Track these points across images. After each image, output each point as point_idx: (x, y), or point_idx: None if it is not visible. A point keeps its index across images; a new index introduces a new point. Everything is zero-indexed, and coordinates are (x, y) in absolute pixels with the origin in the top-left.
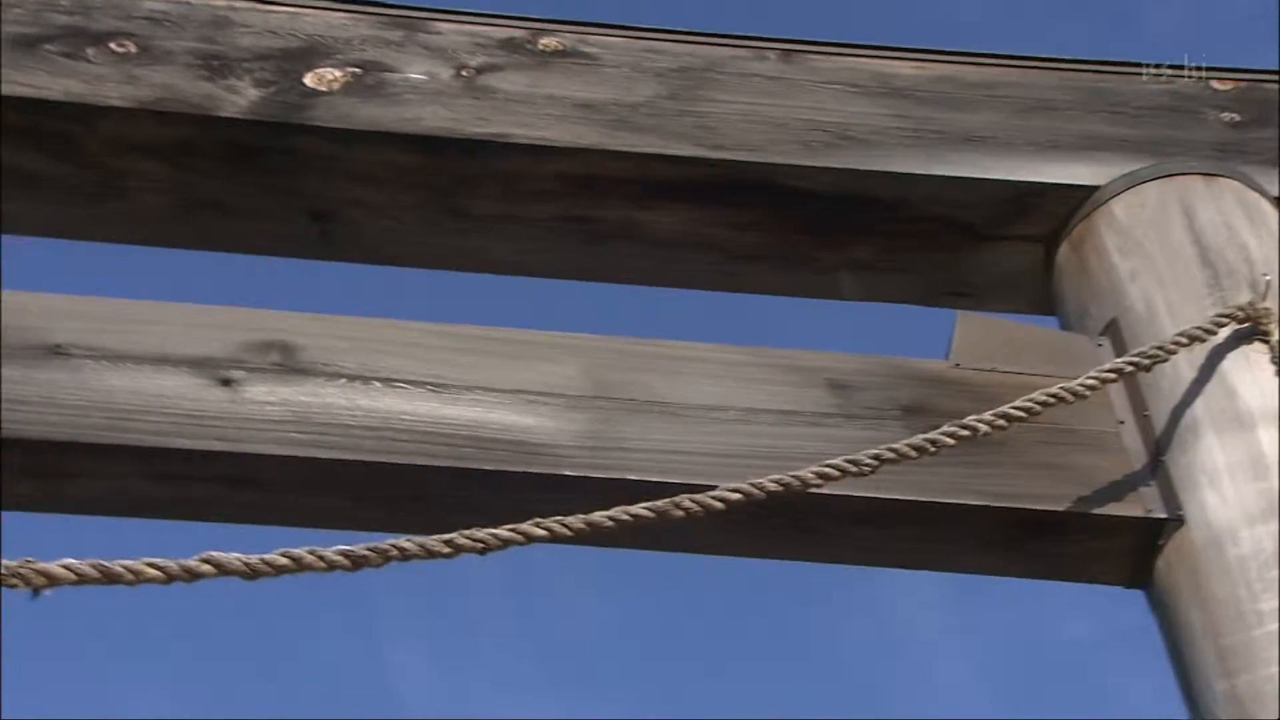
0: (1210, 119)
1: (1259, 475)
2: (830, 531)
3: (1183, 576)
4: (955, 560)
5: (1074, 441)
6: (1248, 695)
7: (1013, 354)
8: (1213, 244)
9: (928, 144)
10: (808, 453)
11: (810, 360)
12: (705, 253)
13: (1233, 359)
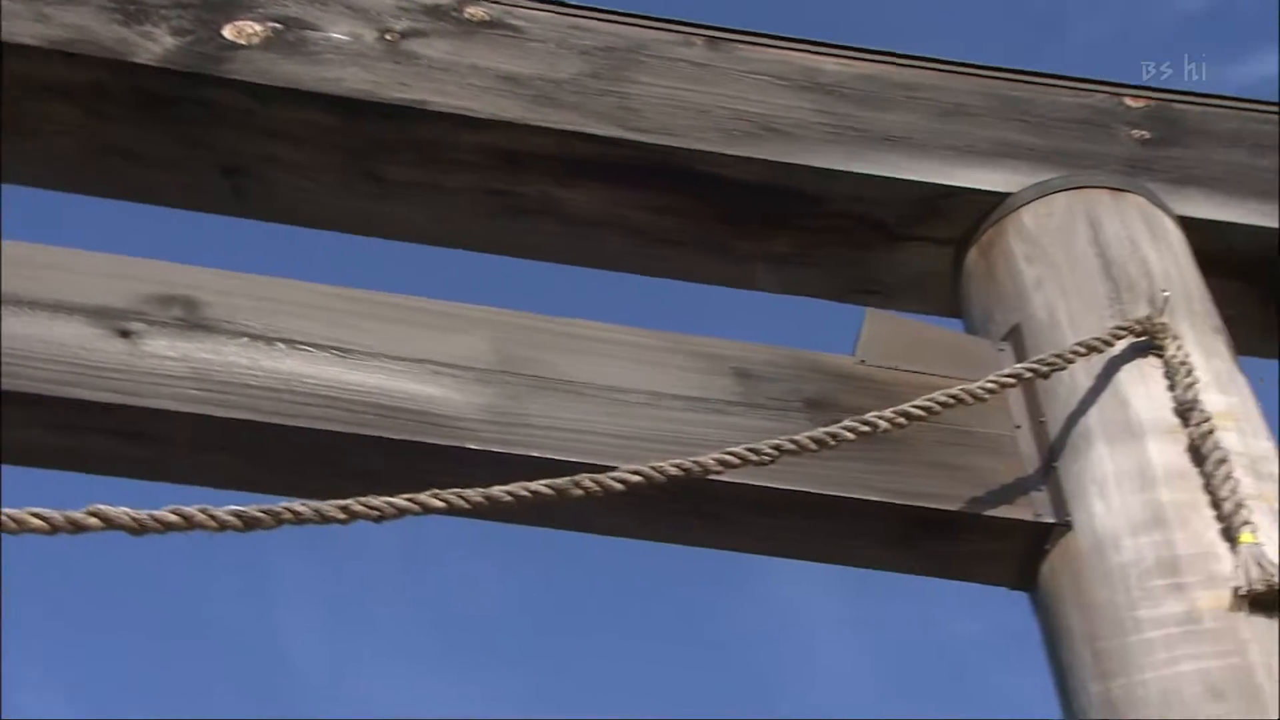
0: (1121, 135)
1: (1145, 486)
2: (729, 519)
3: (1066, 581)
4: (850, 554)
5: (971, 443)
6: (1121, 699)
7: (917, 353)
8: (1116, 257)
9: (848, 141)
10: (710, 439)
11: (718, 348)
12: (623, 235)
13: (1128, 371)
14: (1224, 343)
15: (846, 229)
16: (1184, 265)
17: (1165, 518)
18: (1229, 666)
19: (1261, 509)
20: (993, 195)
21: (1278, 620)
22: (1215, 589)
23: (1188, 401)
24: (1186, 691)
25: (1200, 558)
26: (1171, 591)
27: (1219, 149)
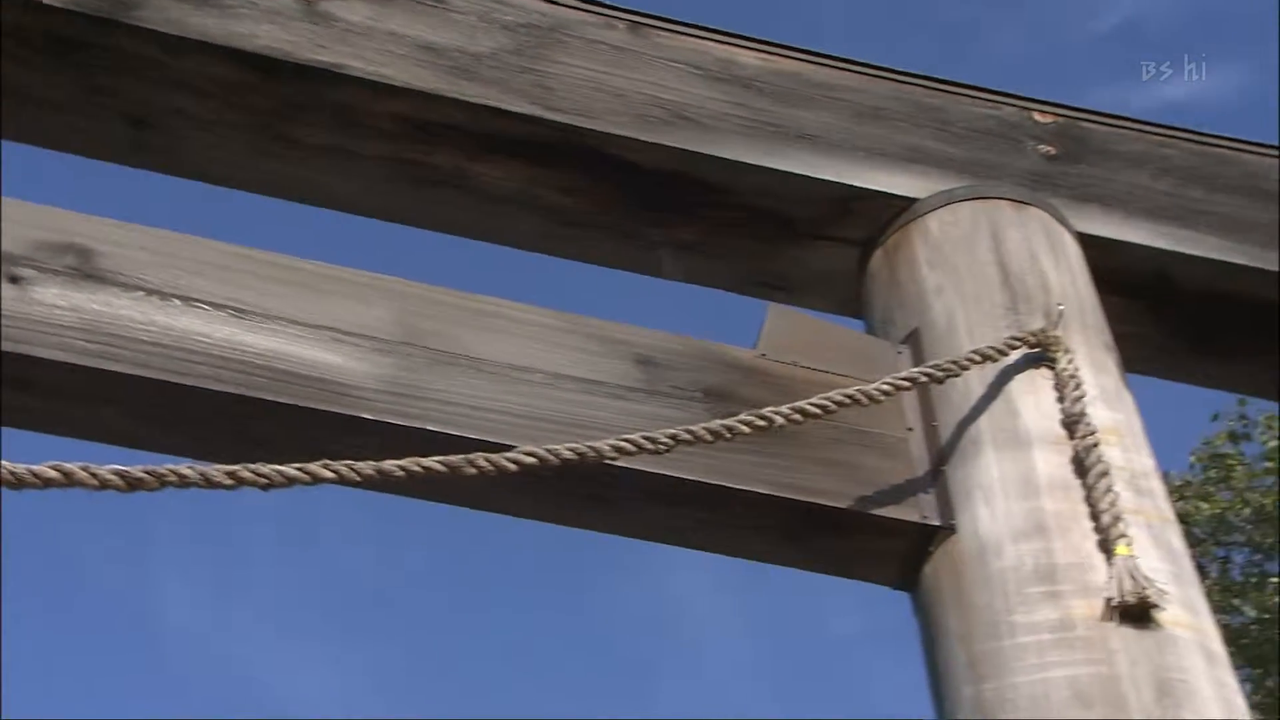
0: (1029, 149)
1: (1029, 494)
2: (621, 504)
3: (947, 583)
4: (739, 545)
5: (864, 443)
6: (992, 701)
7: (817, 351)
8: (1015, 269)
9: (763, 136)
10: (610, 424)
11: (621, 333)
12: (533, 214)
13: (1020, 381)
14: (1114, 360)
15: (755, 223)
16: (1080, 281)
17: (1046, 526)
18: (1097, 675)
19: (1138, 523)
20: (901, 200)
21: (1147, 632)
22: (1089, 598)
23: (1075, 415)
24: (1054, 697)
25: (1077, 567)
26: (1047, 599)
27: (1122, 170)
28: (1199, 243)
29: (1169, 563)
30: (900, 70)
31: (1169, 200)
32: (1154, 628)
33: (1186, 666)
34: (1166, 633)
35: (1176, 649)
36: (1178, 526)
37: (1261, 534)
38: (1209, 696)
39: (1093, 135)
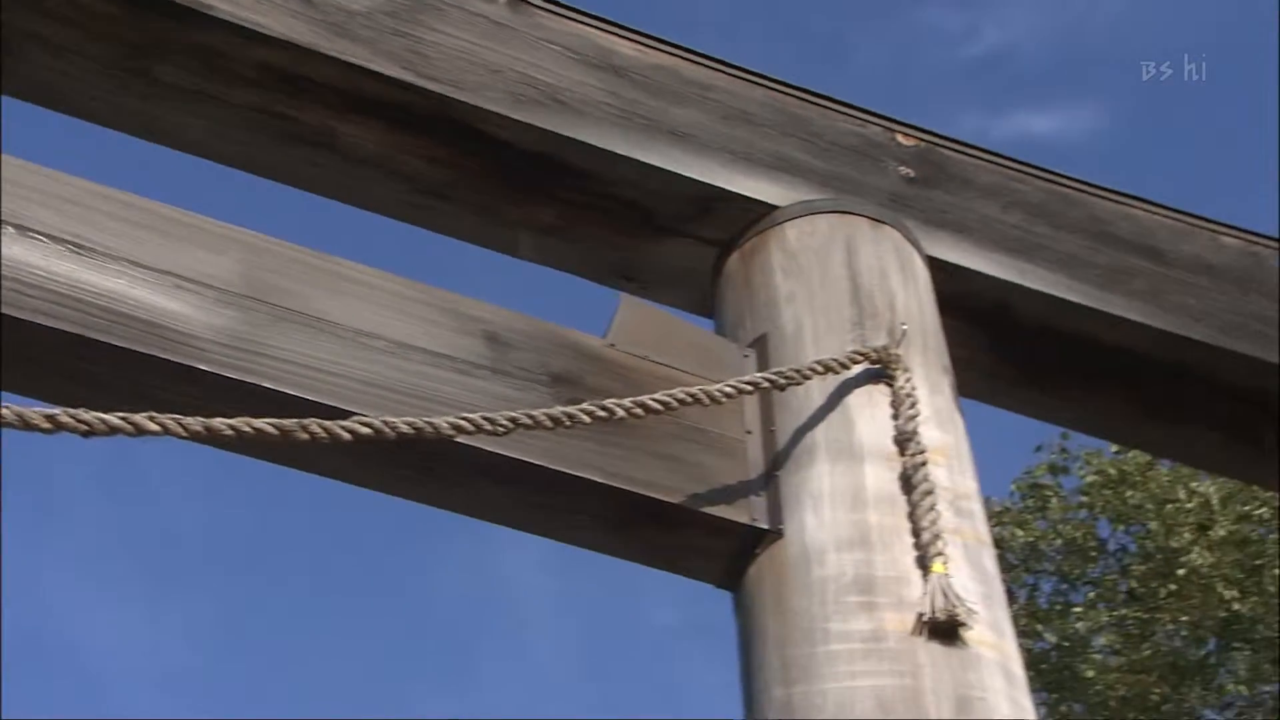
0: (890, 169)
1: (856, 506)
2: (455, 481)
3: (769, 586)
4: (570, 532)
5: (703, 441)
6: (800, 704)
7: (666, 346)
8: (865, 285)
9: (633, 127)
10: (452, 399)
11: (473, 309)
12: (396, 180)
13: (859, 395)
14: (949, 382)
15: (616, 213)
16: (926, 302)
17: (870, 539)
18: (902, 687)
19: (956, 543)
20: (762, 205)
21: (953, 649)
22: (903, 612)
23: (908, 433)
24: (859, 705)
25: (894, 581)
26: (863, 609)
27: (975, 199)
28: (1040, 278)
29: (981, 584)
30: (774, 78)
31: (1016, 233)
32: (960, 645)
33: (987, 685)
34: (971, 651)
35: (979, 668)
36: (993, 550)
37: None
38: (1006, 716)
39: (951, 162)
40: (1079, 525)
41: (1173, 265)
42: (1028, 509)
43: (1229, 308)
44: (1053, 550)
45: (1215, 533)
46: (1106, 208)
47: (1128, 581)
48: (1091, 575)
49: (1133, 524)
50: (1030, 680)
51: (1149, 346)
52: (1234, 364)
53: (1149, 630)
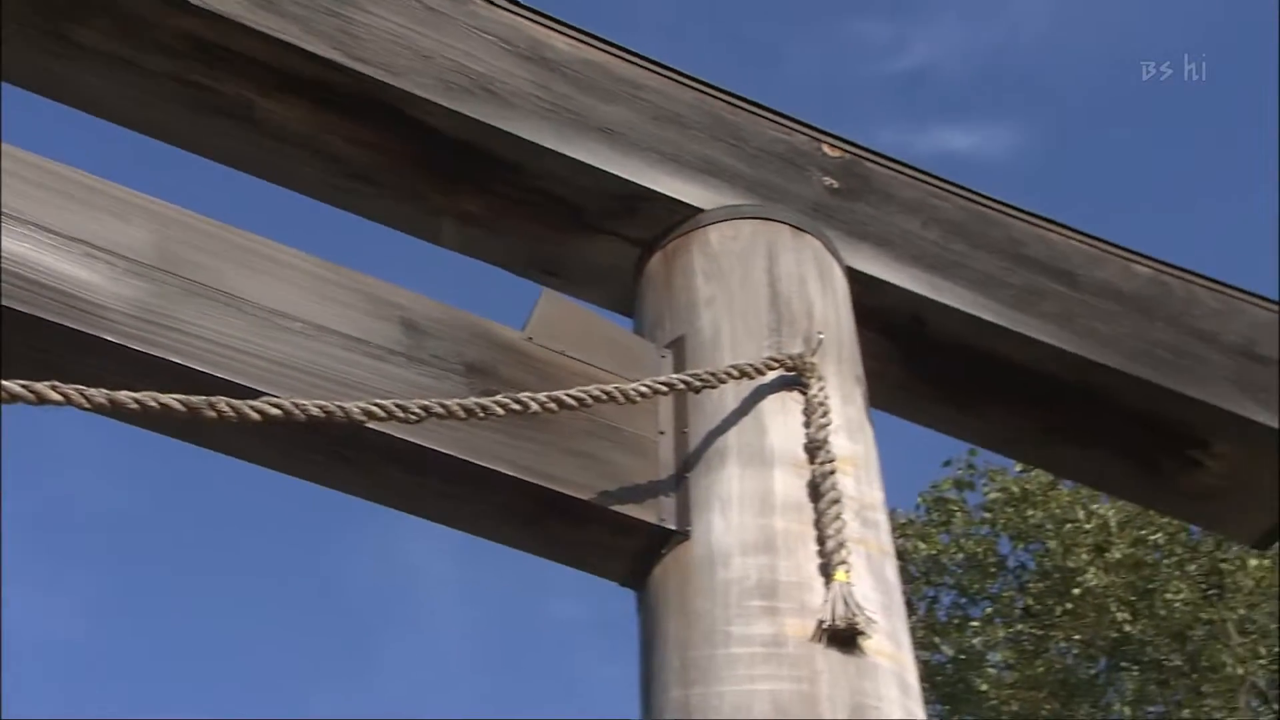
0: (814, 179)
1: (764, 511)
2: (365, 467)
3: (674, 587)
4: (477, 523)
5: (615, 439)
6: (698, 705)
7: (584, 342)
8: (785, 292)
9: (563, 121)
10: (365, 384)
11: (391, 295)
12: (319, 160)
13: (772, 401)
14: (861, 392)
15: (541, 206)
16: (843, 313)
17: (775, 544)
18: (799, 692)
19: (860, 553)
20: (687, 207)
21: (851, 657)
22: (803, 618)
23: (818, 441)
24: (756, 708)
25: (797, 587)
26: (765, 614)
27: (896, 213)
28: (955, 294)
29: (882, 594)
30: (705, 81)
31: (934, 250)
32: (858, 654)
33: (882, 694)
34: (869, 660)
35: (875, 677)
36: (895, 561)
37: (970, 579)
38: None
39: (875, 176)
40: (981, 541)
41: (1084, 290)
42: (932, 522)
43: (1136, 334)
44: (954, 564)
45: (1111, 555)
46: (1023, 229)
47: (1025, 598)
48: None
49: (1032, 542)
50: (925, 692)
51: (1057, 368)
52: (1138, 390)
53: (1043, 647)
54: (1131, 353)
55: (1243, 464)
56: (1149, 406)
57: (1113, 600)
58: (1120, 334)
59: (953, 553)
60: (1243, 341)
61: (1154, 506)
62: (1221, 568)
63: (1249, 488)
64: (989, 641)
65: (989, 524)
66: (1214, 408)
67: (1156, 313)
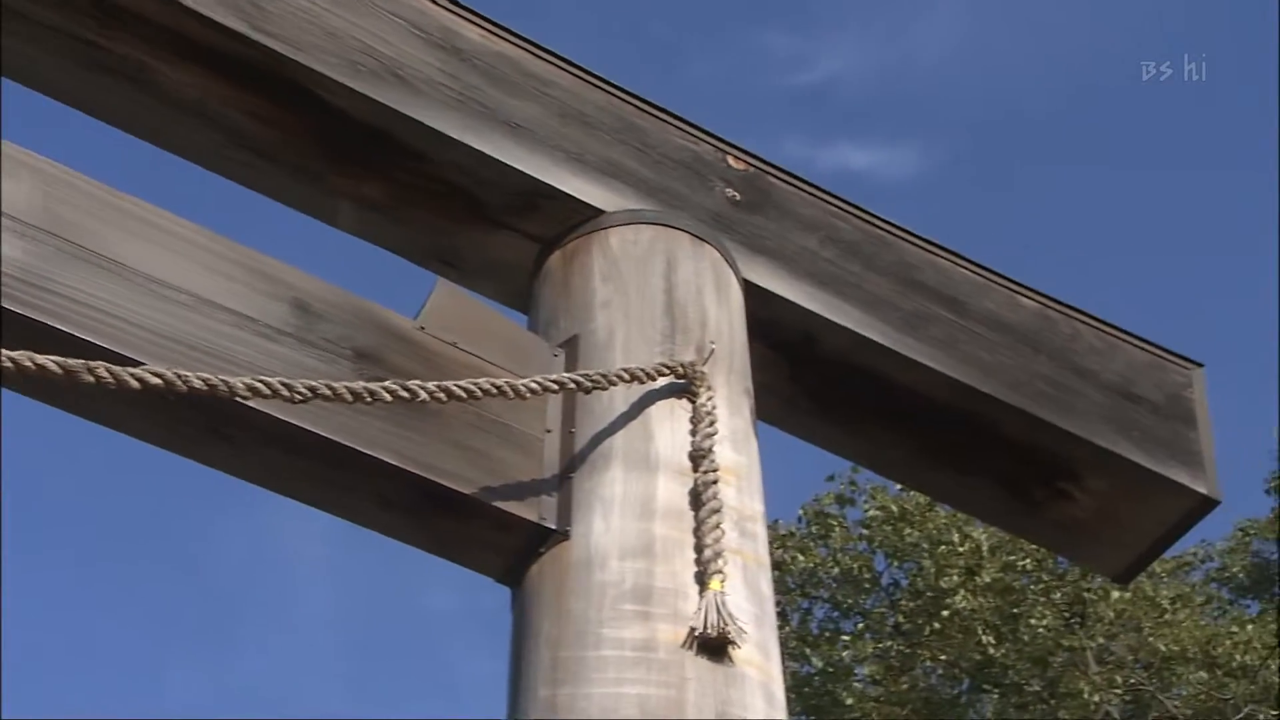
0: (717, 189)
1: (645, 516)
2: (244, 446)
3: (550, 586)
4: (355, 510)
5: (502, 435)
6: (565, 705)
7: (477, 336)
8: (681, 299)
9: (470, 112)
10: (250, 363)
11: (283, 273)
12: (216, 131)
13: (661, 407)
14: (749, 405)
15: (443, 197)
16: (736, 324)
17: (653, 550)
18: (666, 698)
19: (736, 563)
20: (589, 208)
21: (720, 666)
22: (676, 625)
23: (703, 450)
24: (622, 712)
25: (672, 593)
26: (639, 618)
27: (795, 230)
28: (846, 314)
29: (755, 605)
30: (615, 84)
31: (830, 268)
32: (727, 663)
33: (748, 704)
34: (737, 670)
35: (743, 686)
36: (770, 573)
37: (844, 594)
38: None
39: (777, 190)
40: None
41: (971, 318)
42: (812, 535)
43: (1019, 366)
44: (830, 578)
45: (982, 578)
46: (917, 254)
47: (896, 616)
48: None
49: (907, 561)
50: (791, 702)
51: (941, 394)
52: (1017, 420)
53: (909, 665)
54: (1013, 383)
55: (1110, 499)
56: (1026, 437)
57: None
58: (1003, 364)
59: (829, 567)
60: (1120, 380)
61: (1023, 535)
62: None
63: (1115, 522)
64: (858, 656)
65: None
66: (1088, 443)
67: (1040, 346)
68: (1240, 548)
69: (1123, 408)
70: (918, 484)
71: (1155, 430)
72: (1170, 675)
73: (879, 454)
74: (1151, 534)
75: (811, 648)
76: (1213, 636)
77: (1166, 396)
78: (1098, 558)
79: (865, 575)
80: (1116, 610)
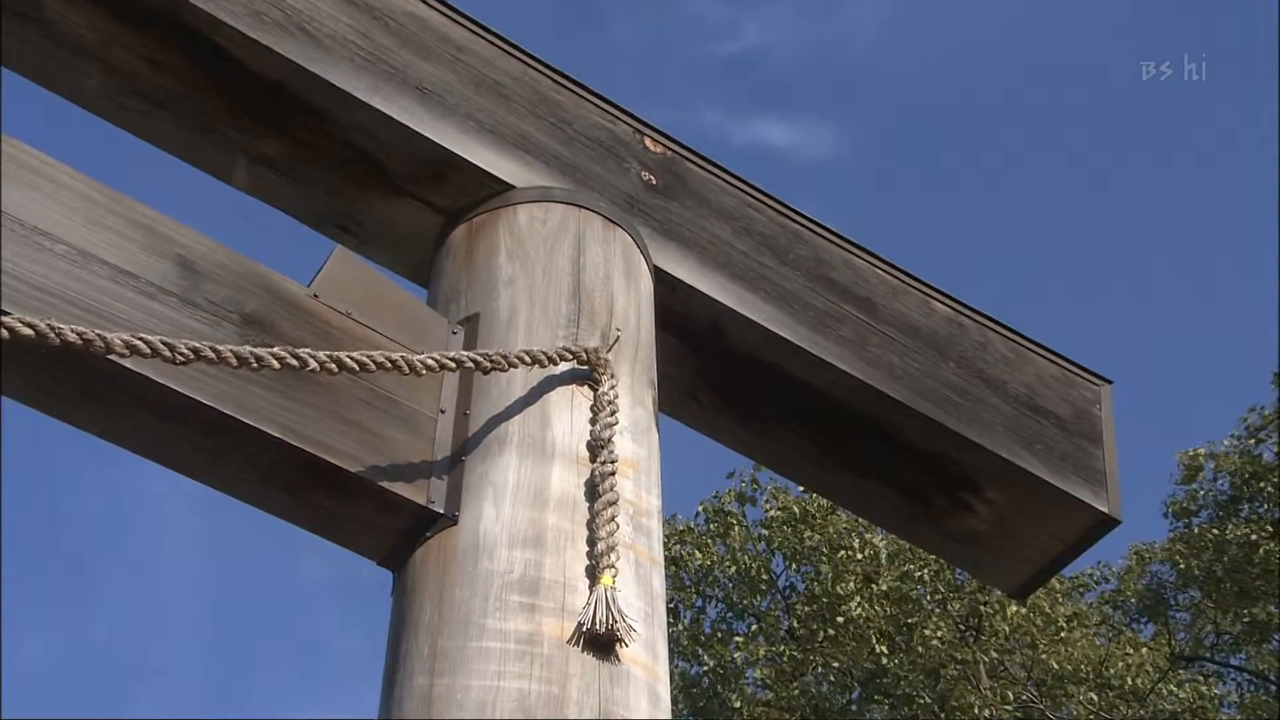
0: (633, 171)
1: (538, 505)
2: (118, 409)
3: (433, 573)
4: (230, 481)
5: (392, 412)
6: (441, 697)
7: (373, 307)
8: (588, 283)
9: (379, 74)
10: (129, 321)
11: (170, 230)
12: (109, 75)
13: (560, 394)
14: (652, 396)
15: (346, 160)
16: (644, 312)
17: (544, 540)
18: (547, 694)
19: (629, 559)
20: (499, 182)
21: (605, 664)
22: (563, 619)
23: (602, 440)
24: (501, 706)
25: (561, 586)
26: (524, 610)
27: (710, 218)
28: (757, 308)
29: (645, 603)
30: (533, 54)
31: (743, 260)
32: (613, 661)
33: (632, 704)
34: (623, 668)
35: (628, 685)
36: (663, 571)
37: (740, 594)
38: None
39: (694, 177)
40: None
41: (883, 320)
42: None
43: (927, 372)
44: (726, 577)
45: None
46: (831, 251)
47: (790, 619)
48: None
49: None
50: (678, 703)
51: (846, 396)
52: (922, 427)
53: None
54: (920, 389)
55: (1010, 512)
56: (929, 444)
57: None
58: (912, 369)
59: (726, 565)
60: (1027, 392)
61: (921, 544)
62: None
63: (1013, 536)
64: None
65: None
66: (991, 453)
67: (950, 352)
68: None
69: (1028, 420)
70: (818, 486)
71: (1060, 445)
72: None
73: (780, 453)
74: (1050, 550)
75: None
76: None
77: (1074, 411)
78: (995, 572)
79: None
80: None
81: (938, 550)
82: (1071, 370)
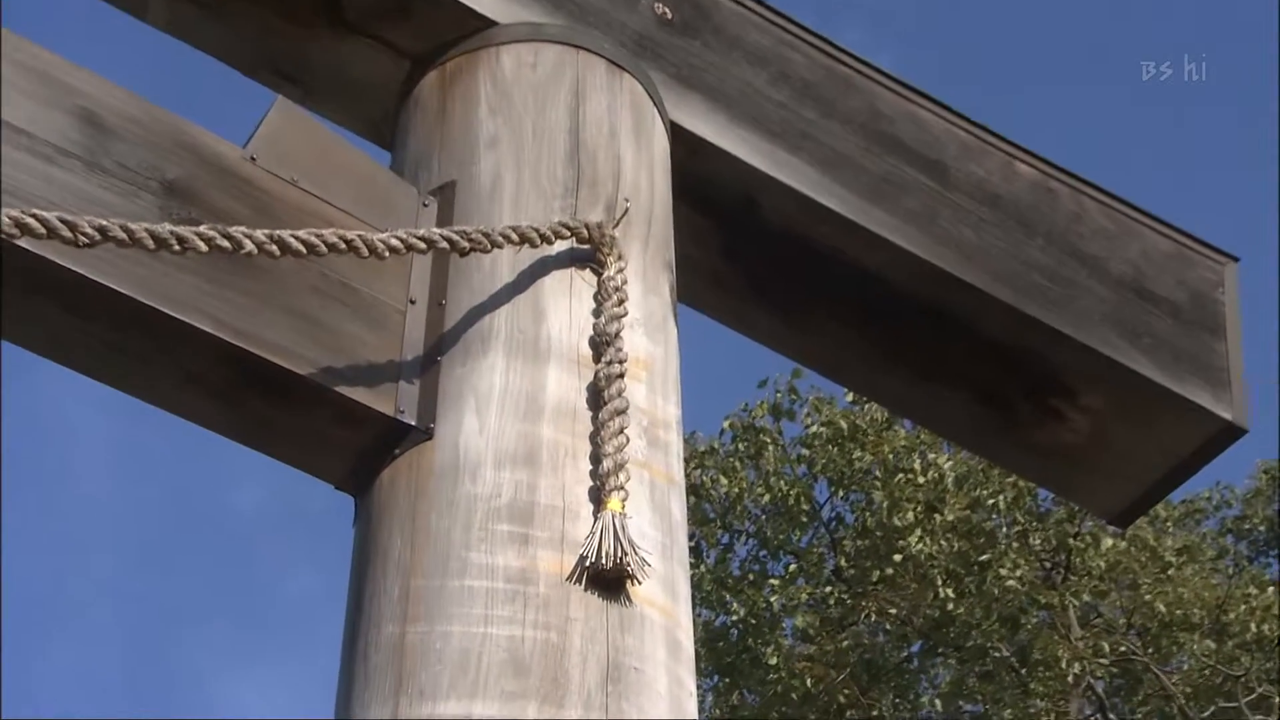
0: (643, 4)
1: (530, 415)
2: (10, 298)
3: (404, 497)
4: (150, 387)
5: (351, 303)
6: (415, 647)
7: (323, 173)
8: (590, 143)
9: None
10: (21, 191)
11: (72, 77)
12: None
13: (557, 279)
14: (669, 282)
15: None
16: (659, 179)
17: (538, 458)
18: (544, 642)
19: (642, 479)
20: (477, 18)
21: (614, 605)
22: (562, 552)
23: (608, 335)
24: (487, 658)
25: (559, 513)
26: (515, 541)
27: (740, 62)
28: (798, 173)
29: (662, 532)
30: None
31: (781, 114)
32: (624, 602)
33: (647, 654)
34: (636, 610)
35: (642, 632)
36: (684, 494)
37: (774, 529)
38: (660, 693)
39: (719, 10)
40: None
41: (955, 187)
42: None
43: (1009, 250)
44: (758, 508)
45: (944, 516)
46: (892, 102)
47: (837, 558)
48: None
49: (855, 491)
50: (701, 658)
51: (906, 279)
52: (1001, 317)
53: (850, 619)
54: (999, 271)
55: (1112, 421)
56: (1011, 339)
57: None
58: (990, 246)
59: (759, 494)
60: (1133, 273)
61: (1000, 461)
62: (1070, 544)
63: (1115, 450)
64: (788, 604)
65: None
66: (1089, 349)
67: (1037, 226)
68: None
69: (1134, 307)
70: (872, 393)
71: (1173, 338)
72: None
73: (826, 352)
74: (1159, 467)
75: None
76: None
77: (1190, 296)
78: (1091, 494)
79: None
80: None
81: (1019, 469)
82: (1187, 245)
